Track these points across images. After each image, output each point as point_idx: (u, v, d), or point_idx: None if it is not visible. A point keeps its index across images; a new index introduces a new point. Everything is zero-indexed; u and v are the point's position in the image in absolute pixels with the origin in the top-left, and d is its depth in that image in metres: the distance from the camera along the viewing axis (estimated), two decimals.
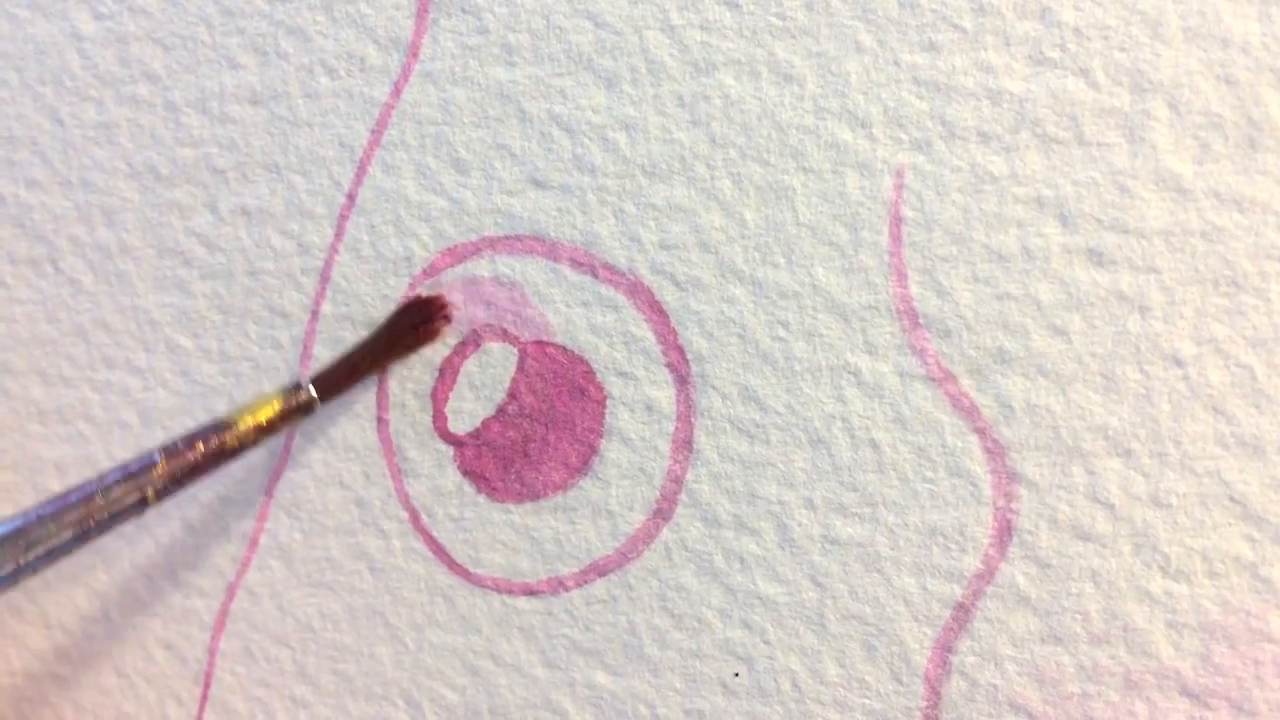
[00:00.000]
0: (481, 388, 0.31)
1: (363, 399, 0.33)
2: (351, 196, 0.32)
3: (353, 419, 0.33)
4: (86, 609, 0.36)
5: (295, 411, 0.30)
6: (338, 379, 0.31)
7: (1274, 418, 0.26)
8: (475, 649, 0.32)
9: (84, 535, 0.26)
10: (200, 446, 0.28)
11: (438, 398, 0.32)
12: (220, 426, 0.29)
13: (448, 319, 0.31)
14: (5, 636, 0.37)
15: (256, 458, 0.34)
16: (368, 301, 0.32)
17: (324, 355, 0.33)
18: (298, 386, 0.30)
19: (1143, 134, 0.26)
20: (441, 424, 0.32)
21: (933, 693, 0.28)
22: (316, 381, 0.30)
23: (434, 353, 0.32)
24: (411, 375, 0.32)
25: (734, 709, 0.30)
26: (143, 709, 0.36)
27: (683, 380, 0.30)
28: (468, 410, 0.31)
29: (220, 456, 0.28)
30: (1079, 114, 0.26)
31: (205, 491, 0.34)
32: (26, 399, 0.36)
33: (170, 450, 0.28)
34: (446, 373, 0.32)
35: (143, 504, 0.27)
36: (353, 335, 0.32)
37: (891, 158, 0.28)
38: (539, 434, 0.31)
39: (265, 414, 0.29)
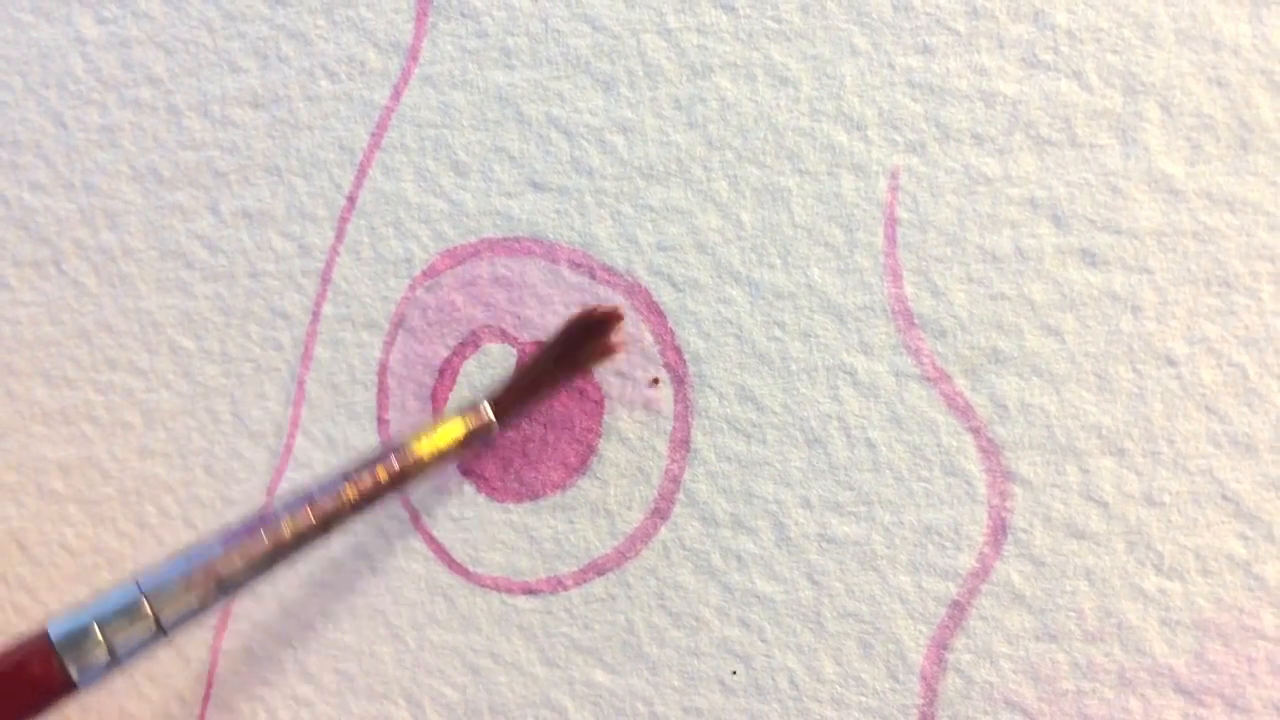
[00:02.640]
0: (481, 388, 0.31)
1: (363, 399, 0.33)
2: (352, 199, 0.32)
3: (353, 420, 0.33)
4: None
5: (475, 436, 0.29)
6: (515, 399, 0.30)
7: (1266, 416, 0.26)
8: (475, 648, 0.32)
9: (270, 561, 0.27)
10: (381, 473, 0.28)
11: (437, 398, 0.32)
12: (400, 452, 0.28)
13: (616, 335, 0.30)
14: (9, 635, 0.38)
15: (258, 458, 0.34)
16: (368, 303, 0.32)
17: (325, 356, 0.33)
18: (474, 408, 0.29)
19: (1135, 135, 0.26)
20: None
21: (929, 690, 0.28)
22: (494, 402, 0.29)
23: (434, 354, 0.32)
24: (412, 376, 0.32)
25: (732, 707, 0.30)
26: (146, 708, 0.36)
27: (680, 380, 0.30)
28: None
29: (401, 481, 0.28)
30: (1072, 116, 0.26)
31: (206, 491, 0.35)
32: (30, 400, 0.37)
33: (351, 476, 0.28)
34: (446, 373, 0.32)
35: (325, 530, 0.27)
36: (353, 336, 0.33)
37: (886, 159, 0.28)
38: (538, 434, 0.31)
39: (445, 439, 0.29)
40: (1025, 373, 0.27)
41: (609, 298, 0.30)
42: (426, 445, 0.28)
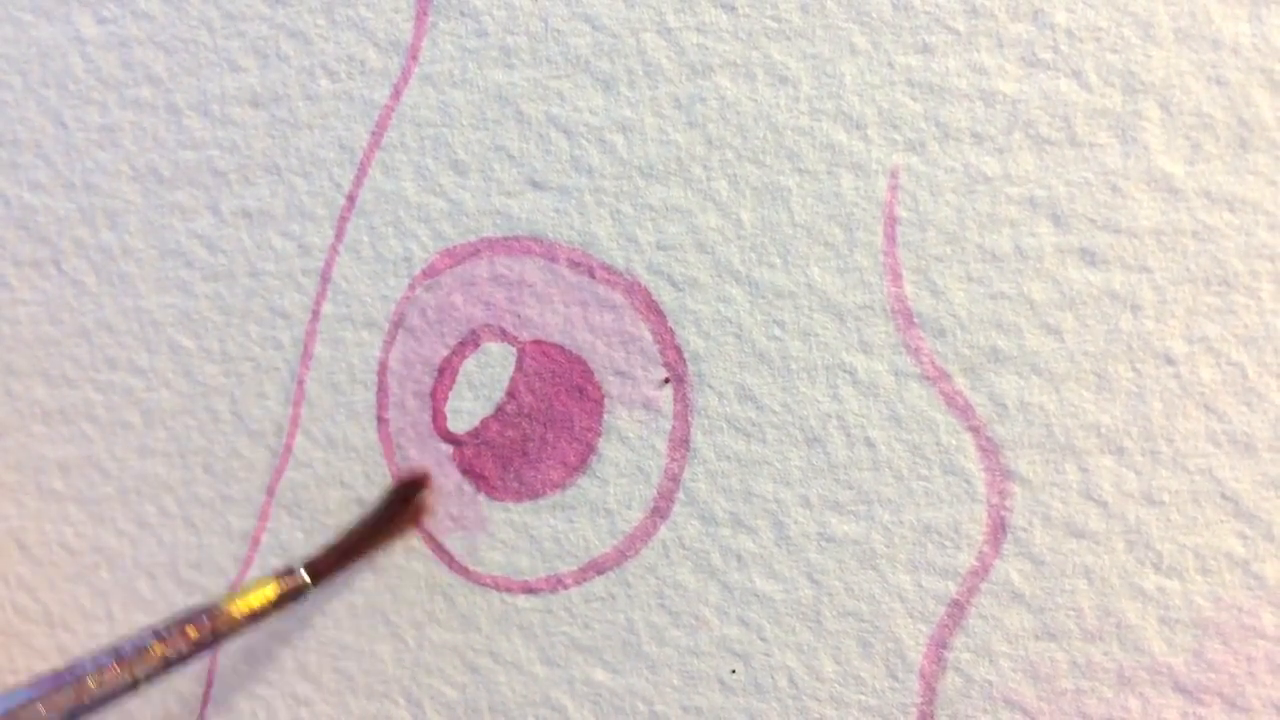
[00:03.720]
0: (480, 387, 0.32)
1: (362, 398, 0.33)
2: (351, 198, 0.32)
3: (353, 419, 0.33)
4: (90, 608, 0.36)
5: (288, 597, 0.30)
6: (331, 563, 0.31)
7: (1265, 415, 0.26)
8: (475, 647, 0.32)
9: (73, 715, 0.26)
10: (191, 632, 0.28)
11: (437, 397, 0.32)
12: (213, 612, 0.28)
13: (426, 500, 0.32)
14: (9, 635, 0.38)
15: (258, 457, 0.34)
16: (368, 302, 0.32)
17: (324, 355, 0.33)
18: (290, 571, 0.30)
19: (1134, 134, 0.26)
20: (441, 423, 0.32)
21: (928, 689, 0.28)
22: (309, 566, 0.30)
23: (433, 354, 0.32)
24: (411, 375, 0.32)
25: (731, 705, 0.30)
26: (146, 706, 0.36)
27: (680, 379, 0.30)
28: (467, 410, 0.32)
29: (213, 640, 0.28)
30: (1071, 115, 0.26)
31: (206, 491, 0.35)
32: (30, 399, 0.37)
33: (162, 634, 0.28)
34: (445, 372, 0.32)
35: (133, 686, 0.27)
36: (353, 335, 0.33)
37: (886, 158, 0.28)
38: (537, 433, 0.31)
39: (258, 600, 0.29)
40: (1025, 372, 0.27)
41: (608, 297, 0.30)
42: (240, 605, 0.29)
